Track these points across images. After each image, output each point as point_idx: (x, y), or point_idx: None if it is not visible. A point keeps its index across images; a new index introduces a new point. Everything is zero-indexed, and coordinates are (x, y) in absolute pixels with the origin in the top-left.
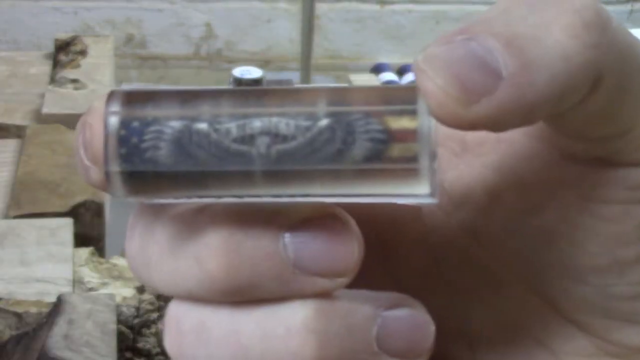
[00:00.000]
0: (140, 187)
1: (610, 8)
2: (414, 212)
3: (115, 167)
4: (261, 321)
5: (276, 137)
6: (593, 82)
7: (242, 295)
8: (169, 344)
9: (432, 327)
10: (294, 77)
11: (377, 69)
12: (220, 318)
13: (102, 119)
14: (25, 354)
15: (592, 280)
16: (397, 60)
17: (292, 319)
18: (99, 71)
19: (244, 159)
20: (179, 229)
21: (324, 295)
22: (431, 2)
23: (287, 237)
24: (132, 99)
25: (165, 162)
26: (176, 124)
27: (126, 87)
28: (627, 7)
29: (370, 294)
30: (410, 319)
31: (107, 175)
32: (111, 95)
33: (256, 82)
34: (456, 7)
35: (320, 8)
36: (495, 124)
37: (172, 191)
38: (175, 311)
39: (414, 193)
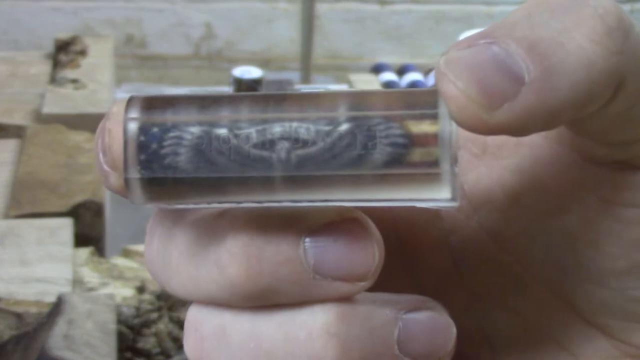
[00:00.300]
0: (160, 193)
1: None
2: (433, 213)
3: (134, 174)
4: (282, 325)
5: (296, 142)
6: (615, 88)
7: (262, 300)
8: (189, 349)
9: (453, 330)
10: (294, 77)
11: (377, 69)
12: (241, 323)
13: (121, 125)
14: (25, 354)
15: (612, 283)
16: (396, 60)
17: (313, 323)
18: (99, 71)
19: (264, 164)
20: (198, 234)
21: (344, 299)
22: (431, 2)
23: (307, 242)
24: (151, 104)
25: (184, 168)
26: (196, 130)
27: (136, 90)
28: (627, 7)
29: (391, 296)
30: (431, 322)
31: (127, 181)
32: (130, 101)
33: (256, 82)
34: (456, 7)
35: (320, 8)
36: (517, 128)
37: (192, 197)
38: (196, 316)
39: (434, 197)
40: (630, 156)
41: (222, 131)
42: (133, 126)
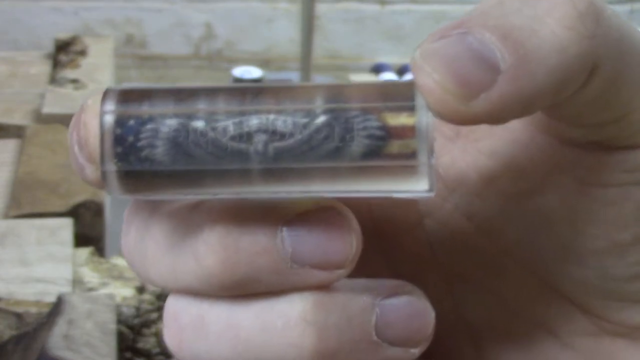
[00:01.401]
0: (137, 185)
1: None
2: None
3: (111, 167)
4: (260, 314)
5: (273, 134)
6: (589, 72)
7: (240, 289)
8: (169, 339)
9: (432, 314)
10: (294, 77)
11: (377, 69)
12: (219, 312)
13: (97, 118)
14: (25, 354)
15: (592, 262)
16: (396, 60)
17: (291, 312)
18: (99, 71)
19: (241, 157)
20: (175, 225)
21: (322, 287)
22: (431, 2)
23: (285, 231)
24: (127, 97)
25: (161, 161)
26: (172, 122)
27: (122, 85)
28: (627, 7)
29: (369, 282)
30: (409, 307)
31: (103, 174)
32: (106, 94)
33: (256, 82)
34: (456, 7)
35: (320, 8)
36: (494, 117)
37: (169, 189)
38: (174, 306)
39: (412, 189)
40: (605, 137)
41: (199, 123)
42: (109, 119)
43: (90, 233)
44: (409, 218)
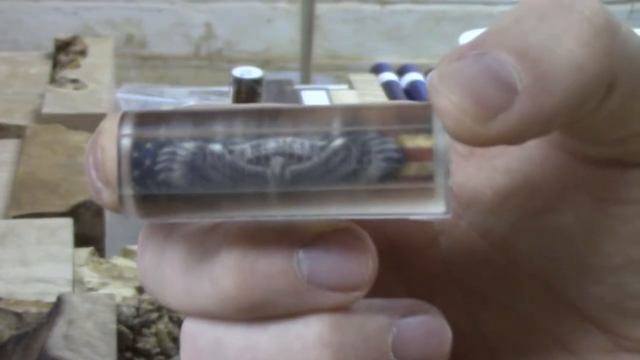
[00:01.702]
0: (154, 209)
1: (609, 8)
2: None
3: (128, 190)
4: (277, 337)
5: (291, 157)
6: (607, 89)
7: (257, 312)
8: None
9: (448, 333)
10: (294, 77)
11: (377, 69)
12: (236, 335)
13: (114, 141)
14: (25, 354)
15: (608, 279)
16: (396, 60)
17: (308, 334)
18: (99, 71)
19: (258, 180)
20: (191, 249)
21: (339, 308)
22: (431, 2)
23: (301, 254)
24: (144, 120)
25: (179, 184)
26: (190, 145)
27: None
28: (627, 7)
29: (385, 302)
30: (425, 326)
31: (121, 198)
32: (123, 117)
33: (256, 82)
34: (456, 7)
35: (320, 8)
36: (513, 138)
37: (186, 213)
38: (190, 329)
39: (429, 211)
40: (623, 153)
41: (217, 147)
42: (126, 142)
43: (90, 233)
44: (424, 236)
